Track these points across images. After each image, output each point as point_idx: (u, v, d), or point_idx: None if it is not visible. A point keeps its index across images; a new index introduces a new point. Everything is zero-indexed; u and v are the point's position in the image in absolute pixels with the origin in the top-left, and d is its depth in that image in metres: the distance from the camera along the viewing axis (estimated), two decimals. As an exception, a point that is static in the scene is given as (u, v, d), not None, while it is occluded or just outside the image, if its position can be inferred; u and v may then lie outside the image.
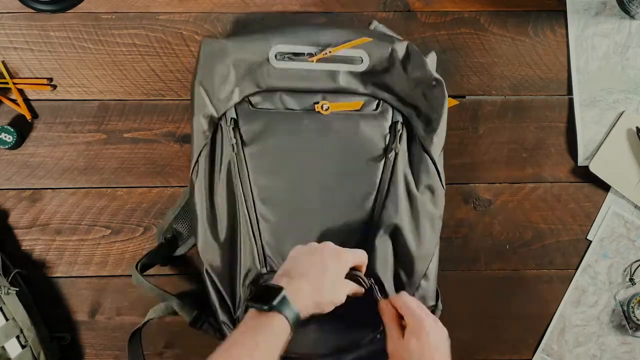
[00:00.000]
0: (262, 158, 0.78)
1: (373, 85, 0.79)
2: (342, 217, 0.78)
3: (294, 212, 0.78)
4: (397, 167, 0.78)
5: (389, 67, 0.78)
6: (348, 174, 0.78)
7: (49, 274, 0.88)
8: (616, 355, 0.91)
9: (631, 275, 0.91)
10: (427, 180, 0.79)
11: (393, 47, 0.77)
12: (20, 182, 0.88)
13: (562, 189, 0.92)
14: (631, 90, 0.93)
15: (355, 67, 0.78)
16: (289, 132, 0.78)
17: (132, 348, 0.80)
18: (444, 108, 0.78)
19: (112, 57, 0.90)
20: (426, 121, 0.79)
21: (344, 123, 0.78)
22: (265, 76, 0.78)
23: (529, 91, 0.93)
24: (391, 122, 0.79)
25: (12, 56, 0.89)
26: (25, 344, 0.81)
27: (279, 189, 0.78)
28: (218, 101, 0.77)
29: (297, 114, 0.78)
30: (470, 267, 0.91)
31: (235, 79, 0.77)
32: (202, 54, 0.77)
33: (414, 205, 0.79)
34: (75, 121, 0.89)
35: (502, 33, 0.93)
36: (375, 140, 0.78)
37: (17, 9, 0.89)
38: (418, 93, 0.78)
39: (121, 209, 0.89)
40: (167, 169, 0.89)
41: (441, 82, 0.78)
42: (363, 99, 0.80)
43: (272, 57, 0.77)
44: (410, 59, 0.78)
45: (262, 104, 0.79)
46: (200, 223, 0.78)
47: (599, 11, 0.94)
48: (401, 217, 0.78)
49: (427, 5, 0.93)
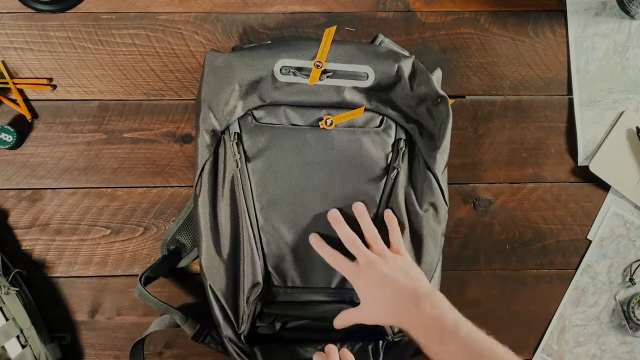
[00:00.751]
0: (265, 173, 0.77)
1: (377, 101, 0.79)
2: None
3: (296, 228, 0.78)
4: (398, 185, 0.78)
5: (394, 84, 0.78)
6: (351, 191, 0.78)
7: (49, 274, 0.88)
8: (616, 355, 0.91)
9: (631, 275, 0.91)
10: (431, 198, 0.78)
11: (399, 65, 0.77)
12: (20, 182, 0.88)
13: (562, 189, 0.93)
14: (631, 90, 0.93)
15: (361, 82, 0.77)
16: (293, 148, 0.77)
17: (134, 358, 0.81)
18: (448, 125, 0.77)
19: (112, 57, 0.90)
20: (429, 138, 0.78)
21: (348, 140, 0.78)
22: (269, 90, 0.77)
23: (529, 91, 0.93)
24: (394, 139, 0.79)
25: (12, 56, 0.89)
26: (25, 344, 0.81)
27: (281, 205, 0.77)
28: (222, 116, 0.77)
29: (301, 129, 0.78)
30: (470, 267, 0.91)
31: (240, 93, 0.77)
32: (206, 69, 0.76)
33: (417, 222, 0.79)
34: (75, 121, 0.89)
35: (502, 33, 0.93)
36: (377, 157, 0.78)
37: (17, 9, 0.89)
38: (422, 110, 0.78)
39: (121, 209, 0.89)
40: (167, 169, 0.89)
41: (446, 99, 0.77)
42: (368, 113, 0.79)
43: (277, 71, 0.76)
44: (416, 75, 0.77)
45: (266, 119, 0.78)
46: (204, 239, 0.78)
47: (599, 11, 0.94)
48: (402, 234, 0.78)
49: (427, 5, 0.93)
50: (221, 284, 0.78)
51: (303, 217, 0.78)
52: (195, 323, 0.80)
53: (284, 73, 0.76)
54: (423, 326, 0.68)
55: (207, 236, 0.78)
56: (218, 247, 0.78)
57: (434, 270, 0.81)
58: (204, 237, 0.78)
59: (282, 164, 0.77)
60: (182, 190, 0.89)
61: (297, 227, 0.78)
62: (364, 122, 0.79)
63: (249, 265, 0.77)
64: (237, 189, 0.77)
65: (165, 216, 0.89)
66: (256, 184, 0.77)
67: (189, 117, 0.90)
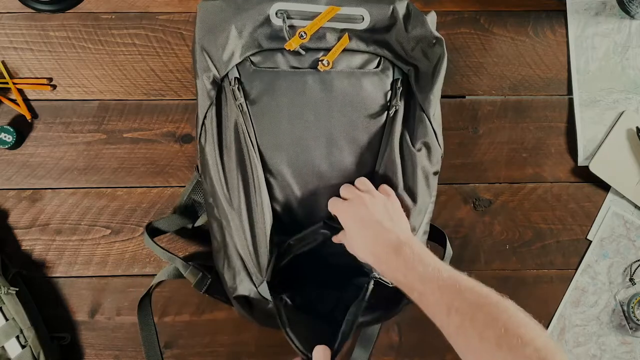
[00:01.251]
0: (267, 117, 0.77)
1: (374, 43, 0.79)
2: (347, 172, 0.79)
3: (300, 169, 0.78)
4: (396, 123, 0.79)
5: (390, 26, 0.78)
6: (351, 130, 0.78)
7: (49, 274, 0.88)
8: (616, 355, 0.91)
9: (631, 275, 0.91)
10: (424, 138, 0.79)
11: (394, 6, 0.77)
12: (20, 182, 0.88)
13: (562, 189, 0.93)
14: (631, 90, 0.93)
15: (356, 25, 0.78)
16: (293, 91, 0.77)
17: (142, 314, 0.81)
18: (442, 66, 0.78)
19: (112, 57, 0.90)
20: (425, 79, 0.79)
21: (347, 81, 0.78)
22: (266, 35, 0.77)
23: (529, 91, 0.93)
24: (392, 80, 0.79)
25: (12, 56, 0.89)
26: (25, 344, 0.81)
27: (283, 147, 0.77)
28: (220, 62, 0.77)
29: (301, 72, 0.78)
30: (470, 267, 0.91)
31: (236, 39, 0.76)
32: (199, 16, 0.76)
33: (410, 160, 0.79)
34: (75, 121, 0.89)
35: (502, 33, 0.93)
36: (376, 97, 0.79)
37: (17, 9, 0.89)
38: (418, 51, 0.79)
39: (121, 209, 0.89)
40: (167, 169, 0.89)
41: (441, 40, 0.78)
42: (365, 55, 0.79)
43: (272, 14, 0.76)
44: (411, 17, 0.78)
45: (264, 63, 0.78)
46: (218, 189, 0.77)
47: (599, 11, 0.94)
48: (396, 172, 0.78)
49: (427, 6, 0.93)
50: (238, 235, 0.77)
51: (306, 160, 0.78)
52: (197, 271, 0.80)
53: (279, 17, 0.76)
54: (404, 269, 0.66)
55: (220, 186, 0.77)
56: (230, 196, 0.77)
57: (426, 210, 0.81)
58: (218, 187, 0.77)
59: (283, 108, 0.77)
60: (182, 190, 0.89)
61: (301, 170, 0.78)
62: (362, 64, 0.79)
63: (260, 213, 0.77)
64: (243, 135, 0.77)
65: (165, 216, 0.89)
66: (259, 129, 0.77)
67: (189, 117, 0.90)
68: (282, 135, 0.77)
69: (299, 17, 0.77)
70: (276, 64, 0.78)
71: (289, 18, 0.76)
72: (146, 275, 0.88)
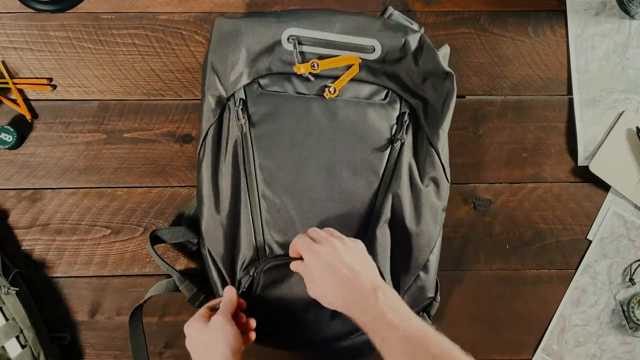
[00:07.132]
0: (268, 140, 0.77)
1: (383, 74, 0.79)
2: (345, 203, 0.78)
3: (297, 195, 0.78)
4: (402, 157, 0.78)
5: (400, 58, 0.78)
6: (353, 161, 0.78)
7: (49, 274, 0.88)
8: (616, 355, 0.91)
9: (631, 275, 0.91)
10: (432, 173, 0.79)
11: (406, 39, 0.77)
12: (20, 182, 0.88)
13: (562, 189, 0.92)
14: (631, 90, 0.93)
15: (367, 55, 0.78)
16: (297, 116, 0.78)
17: (133, 324, 0.81)
18: (451, 101, 0.78)
19: (112, 57, 0.90)
20: (433, 114, 0.79)
21: (352, 110, 0.78)
22: (276, 59, 0.78)
23: (529, 91, 0.93)
24: (399, 113, 0.79)
25: (12, 56, 0.89)
26: (25, 344, 0.81)
27: (282, 171, 0.77)
28: (228, 82, 0.78)
29: (306, 98, 0.78)
30: (470, 267, 0.91)
31: (247, 61, 0.77)
32: (215, 34, 0.77)
33: (418, 196, 0.79)
34: (75, 121, 0.89)
35: (502, 33, 0.93)
36: (381, 129, 0.78)
37: (17, 9, 0.89)
38: (428, 85, 0.78)
39: (121, 209, 0.89)
40: (167, 169, 0.89)
41: (452, 76, 0.78)
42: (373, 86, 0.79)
43: (284, 40, 0.77)
44: (423, 51, 0.78)
45: (271, 87, 0.79)
46: (205, 202, 0.79)
47: (599, 11, 0.94)
48: (403, 208, 0.78)
49: (427, 5, 0.93)
50: (219, 249, 0.79)
51: (304, 186, 0.78)
52: (192, 286, 0.82)
53: (291, 42, 0.77)
54: (373, 312, 0.65)
55: (208, 200, 0.78)
56: (218, 211, 0.78)
57: (434, 245, 0.81)
58: (206, 200, 0.78)
59: (285, 132, 0.77)
60: (182, 190, 0.89)
61: (297, 196, 0.78)
62: (370, 95, 0.79)
63: (248, 233, 0.78)
64: (240, 155, 0.78)
65: (165, 216, 0.89)
66: (259, 151, 0.78)
67: (189, 117, 0.90)
68: (281, 159, 0.77)
69: (310, 44, 0.77)
70: (283, 88, 0.78)
71: (300, 44, 0.77)
72: (146, 275, 0.88)
